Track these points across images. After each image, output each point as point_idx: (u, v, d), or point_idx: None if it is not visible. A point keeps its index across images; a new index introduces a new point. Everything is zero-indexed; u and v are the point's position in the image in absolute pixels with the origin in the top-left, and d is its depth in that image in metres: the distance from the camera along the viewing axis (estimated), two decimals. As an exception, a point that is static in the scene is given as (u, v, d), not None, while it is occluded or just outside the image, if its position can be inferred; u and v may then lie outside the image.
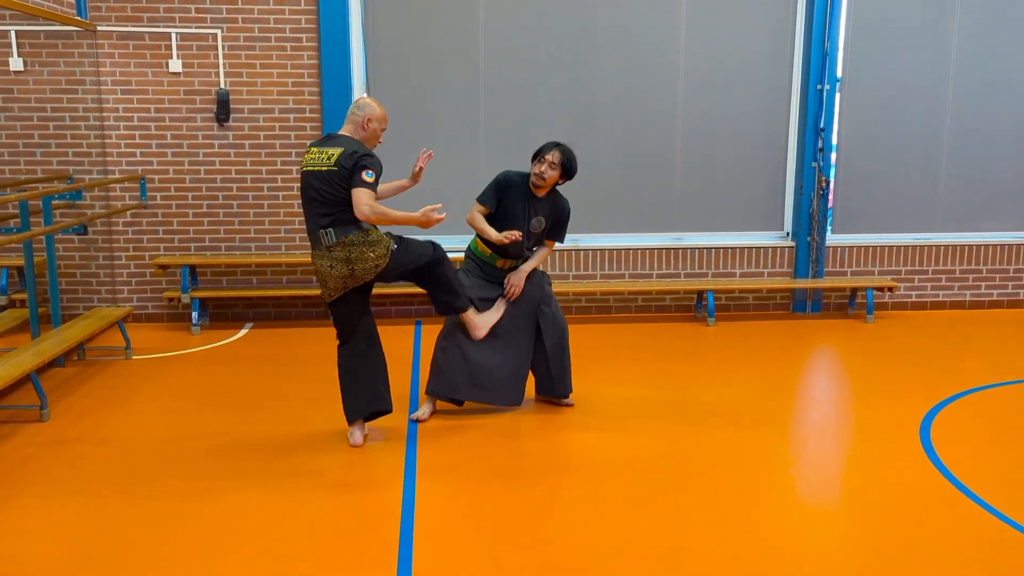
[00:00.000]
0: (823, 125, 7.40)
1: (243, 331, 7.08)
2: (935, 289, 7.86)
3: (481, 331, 4.72)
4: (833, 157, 7.58)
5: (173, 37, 6.90)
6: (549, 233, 4.96)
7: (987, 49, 7.55)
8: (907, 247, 7.77)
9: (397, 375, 5.30)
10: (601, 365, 6.01)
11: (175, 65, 6.94)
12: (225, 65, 6.98)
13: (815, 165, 7.47)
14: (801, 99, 7.47)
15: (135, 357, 6.24)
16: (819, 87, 7.36)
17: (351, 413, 4.48)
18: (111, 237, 7.19)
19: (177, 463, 4.30)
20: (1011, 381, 5.67)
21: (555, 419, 4.95)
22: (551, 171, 4.68)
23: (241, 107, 7.06)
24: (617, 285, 7.43)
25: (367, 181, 4.06)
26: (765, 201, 7.67)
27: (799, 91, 7.48)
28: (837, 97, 7.46)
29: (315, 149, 4.23)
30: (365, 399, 4.48)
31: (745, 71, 7.42)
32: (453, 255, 6.14)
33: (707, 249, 7.62)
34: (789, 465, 4.42)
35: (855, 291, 7.65)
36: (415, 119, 7.15)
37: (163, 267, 7.03)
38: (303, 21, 6.97)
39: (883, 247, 7.74)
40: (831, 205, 7.63)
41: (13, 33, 6.77)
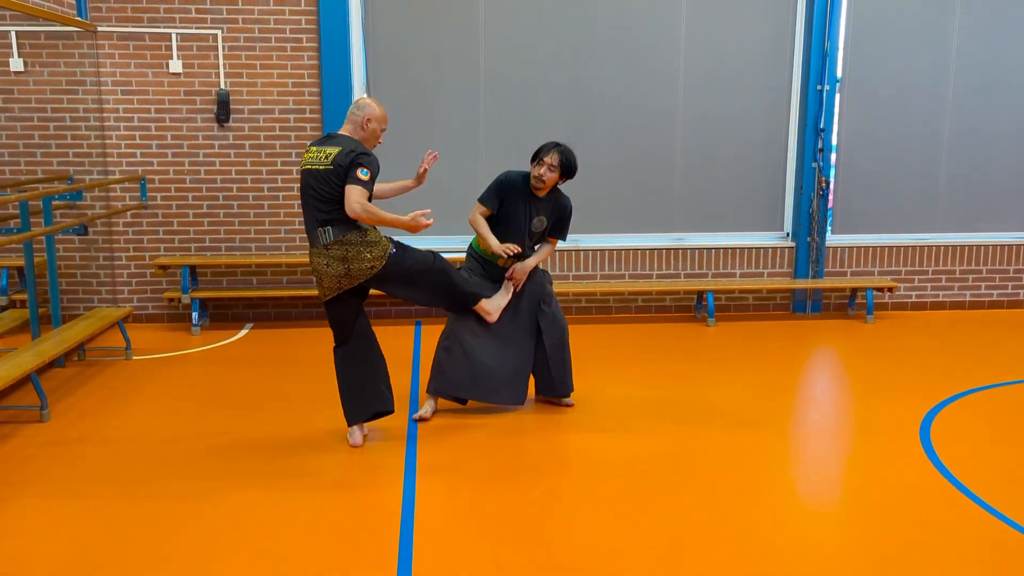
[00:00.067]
0: (823, 125, 7.40)
1: (243, 331, 7.08)
2: (935, 289, 7.86)
3: (494, 316, 4.78)
4: (833, 157, 7.58)
5: (173, 38, 6.91)
6: (551, 231, 4.97)
7: (987, 49, 7.55)
8: (907, 247, 7.77)
9: (397, 375, 5.30)
10: (601, 365, 6.01)
11: (175, 66, 6.94)
12: (225, 65, 6.98)
13: (815, 165, 7.47)
14: (801, 99, 7.47)
15: (135, 357, 6.24)
16: (819, 87, 7.36)
17: (351, 416, 4.48)
18: (111, 237, 7.20)
19: (177, 463, 4.30)
20: (1011, 381, 5.67)
21: (555, 419, 4.95)
22: (550, 173, 4.69)
23: (241, 107, 7.06)
24: (617, 285, 7.43)
25: (361, 179, 4.06)
26: (765, 201, 7.67)
27: (799, 91, 7.48)
28: (837, 97, 7.46)
29: (314, 148, 4.23)
30: (365, 401, 4.47)
31: (745, 71, 7.42)
32: (454, 255, 6.17)
33: (707, 249, 7.62)
34: (789, 465, 4.42)
35: (855, 291, 7.65)
36: (415, 119, 7.15)
37: (163, 267, 7.04)
38: (303, 21, 6.97)
39: (883, 247, 7.75)
40: (831, 205, 7.63)
41: (13, 34, 6.78)
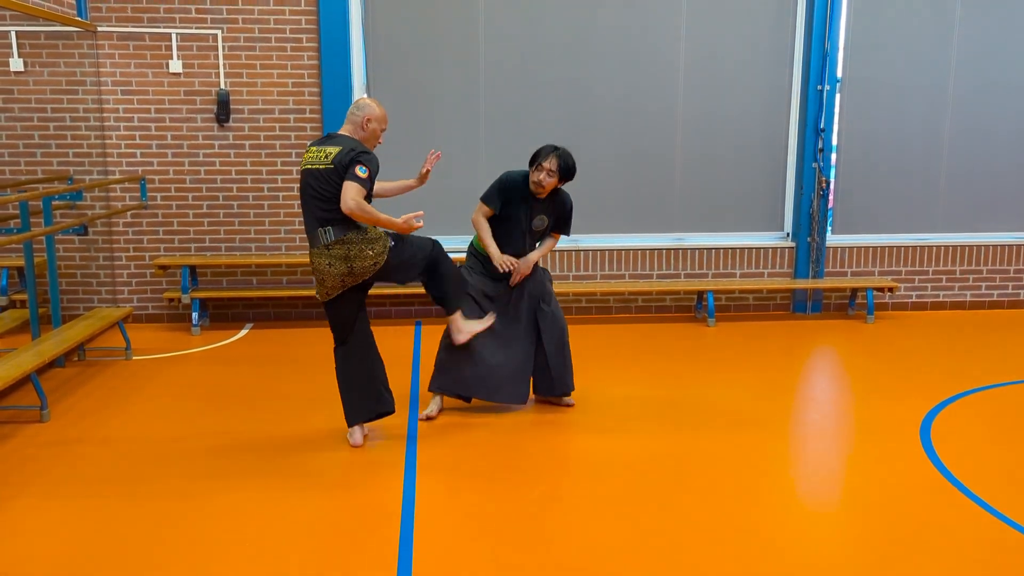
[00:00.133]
0: (823, 125, 7.40)
1: (243, 332, 7.08)
2: (935, 290, 7.86)
3: (462, 336, 4.60)
4: (833, 158, 7.58)
5: (173, 38, 6.91)
6: (554, 227, 4.99)
7: (987, 50, 7.55)
8: (907, 247, 7.77)
9: (397, 375, 5.30)
10: (601, 365, 6.01)
11: (175, 66, 6.94)
12: (225, 65, 6.98)
13: (815, 166, 7.46)
14: (801, 99, 7.47)
15: (135, 358, 6.24)
16: (819, 88, 7.36)
17: (352, 417, 4.48)
18: (111, 238, 7.20)
19: (177, 463, 4.30)
20: (1011, 381, 5.67)
21: (555, 419, 4.95)
22: (549, 178, 4.70)
23: (241, 107, 7.06)
24: (617, 285, 7.43)
25: (359, 176, 4.06)
26: (765, 201, 7.67)
27: (799, 91, 7.48)
28: (837, 98, 7.46)
29: (314, 148, 4.23)
30: (366, 402, 4.48)
31: (745, 71, 7.42)
32: (454, 255, 6.17)
33: (707, 249, 7.62)
34: (789, 465, 4.42)
35: (855, 291, 7.65)
36: (415, 119, 7.15)
37: (163, 267, 7.04)
38: (303, 22, 6.97)
39: (883, 247, 7.74)
40: (831, 205, 7.63)
41: (13, 34, 6.78)
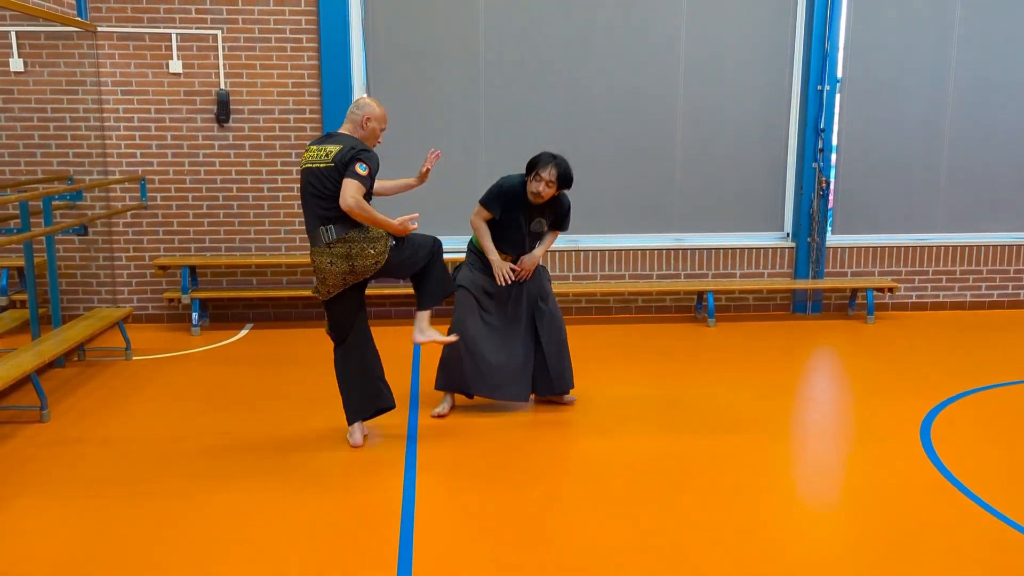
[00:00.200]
0: (823, 126, 7.40)
1: (243, 332, 7.08)
2: (935, 290, 7.86)
3: (421, 337, 4.49)
4: (833, 158, 7.58)
5: (173, 38, 6.90)
6: (553, 225, 4.99)
7: (987, 50, 7.55)
8: (907, 248, 7.77)
9: (397, 375, 5.31)
10: (601, 365, 6.01)
11: (175, 66, 6.94)
12: (225, 66, 6.98)
13: (815, 166, 7.46)
14: (801, 100, 7.47)
15: (135, 358, 6.24)
16: (819, 88, 7.35)
17: (352, 415, 4.48)
18: (111, 238, 7.20)
19: (177, 463, 4.30)
20: (1012, 382, 5.67)
21: (555, 419, 4.95)
22: (548, 189, 4.70)
23: (241, 108, 7.06)
24: (617, 286, 7.43)
25: (359, 174, 4.06)
26: (765, 202, 7.67)
27: (799, 92, 7.48)
28: (837, 98, 7.45)
29: (314, 147, 4.24)
30: (366, 400, 4.48)
31: (745, 71, 7.42)
32: (454, 255, 6.17)
33: (707, 250, 7.61)
34: (789, 466, 4.42)
35: (855, 292, 7.65)
36: (415, 119, 7.14)
37: (163, 268, 7.04)
38: (303, 22, 6.97)
39: (883, 248, 7.74)
40: (831, 206, 7.63)
41: (13, 34, 6.78)
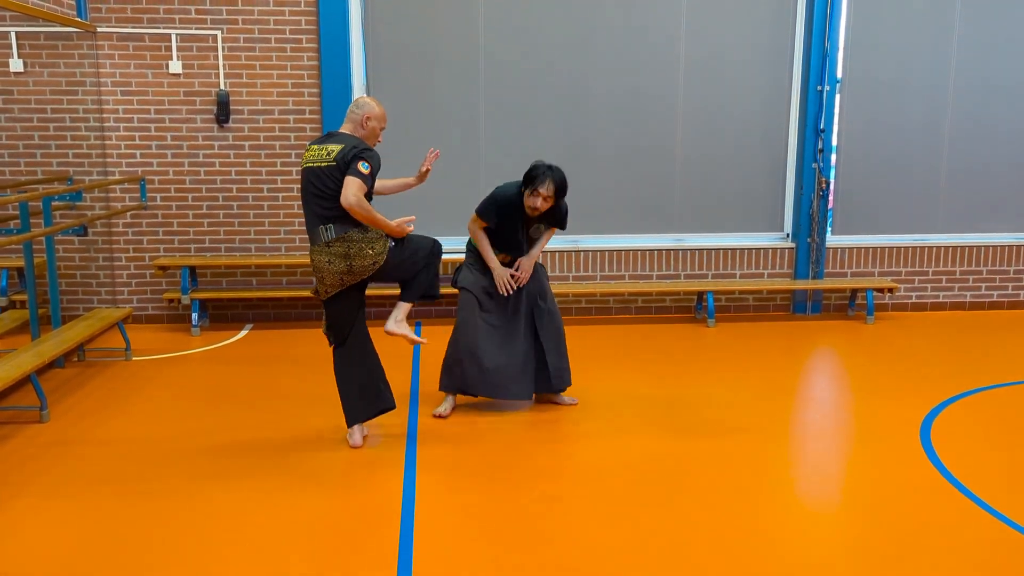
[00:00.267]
0: (823, 126, 7.40)
1: (243, 332, 7.08)
2: (935, 290, 7.86)
3: (392, 325, 4.41)
4: (833, 158, 7.58)
5: (173, 38, 6.90)
6: (551, 224, 4.99)
7: (987, 50, 7.55)
8: (907, 248, 7.76)
9: (397, 375, 5.31)
10: (601, 366, 6.01)
11: (175, 66, 6.94)
12: (225, 66, 6.98)
13: (815, 166, 7.46)
14: (801, 100, 7.47)
15: (135, 358, 6.24)
16: (819, 88, 7.35)
17: (352, 417, 4.48)
18: (111, 238, 7.19)
19: (177, 463, 4.30)
20: (1012, 382, 5.66)
21: (555, 419, 4.95)
22: (545, 203, 4.71)
23: (241, 108, 7.06)
24: (617, 286, 7.43)
25: (361, 172, 4.07)
26: (765, 202, 7.67)
27: (799, 92, 7.48)
28: (837, 98, 7.45)
29: (315, 147, 4.24)
30: (366, 401, 4.49)
31: (745, 72, 7.42)
32: (453, 256, 6.16)
33: (707, 250, 7.61)
34: (789, 466, 4.42)
35: (855, 292, 7.65)
36: (415, 119, 7.14)
37: (163, 268, 7.04)
38: (303, 22, 6.97)
39: (883, 248, 7.74)
40: (831, 206, 7.63)
41: (13, 34, 6.78)
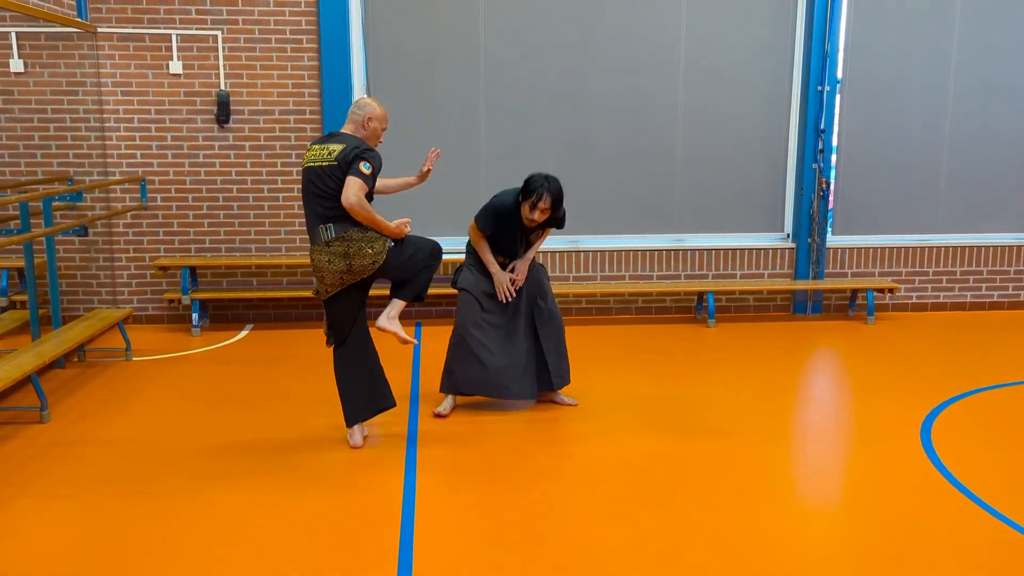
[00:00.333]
0: (823, 126, 7.39)
1: (243, 332, 7.08)
2: (936, 290, 7.86)
3: (383, 322, 4.42)
4: (833, 158, 7.58)
5: (173, 39, 6.91)
6: (549, 225, 4.99)
7: (987, 50, 7.55)
8: (908, 248, 7.76)
9: (397, 375, 5.31)
10: (602, 366, 6.01)
11: (175, 67, 6.94)
12: (225, 67, 6.98)
13: (815, 166, 7.46)
14: (801, 100, 7.47)
15: (135, 358, 6.24)
16: (819, 88, 7.35)
17: (352, 417, 4.48)
18: (111, 239, 7.20)
19: (177, 464, 4.30)
20: (1012, 383, 5.66)
21: (556, 420, 4.95)
22: (543, 215, 4.73)
23: (241, 108, 7.06)
24: (617, 286, 7.42)
25: (363, 172, 4.07)
26: (765, 202, 7.67)
27: (799, 92, 7.48)
28: (837, 98, 7.45)
29: (316, 147, 4.24)
30: (366, 401, 4.49)
31: (745, 72, 7.42)
32: (453, 256, 6.17)
33: (707, 250, 7.61)
34: (789, 466, 4.42)
35: (855, 292, 7.65)
36: (415, 119, 7.14)
37: (163, 268, 7.04)
38: (303, 23, 6.97)
39: (884, 248, 7.74)
40: (831, 206, 7.62)
41: (14, 35, 6.78)
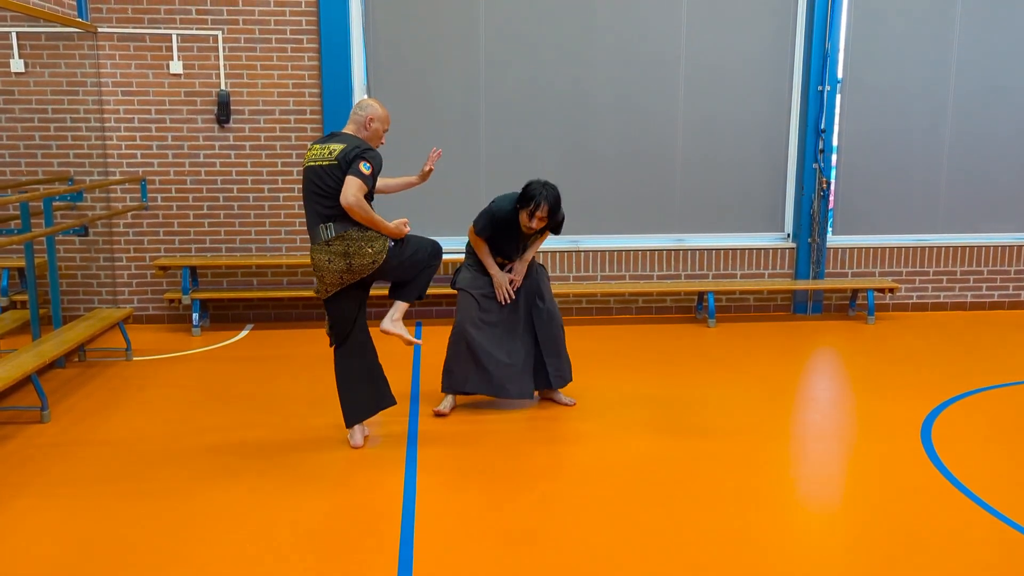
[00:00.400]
0: (824, 126, 7.39)
1: (243, 332, 7.08)
2: (936, 290, 7.86)
3: (388, 326, 4.44)
4: (834, 158, 7.58)
5: (174, 39, 6.91)
6: (547, 229, 5.00)
7: (988, 50, 7.54)
8: (908, 248, 7.76)
9: (397, 375, 5.31)
10: (602, 366, 6.01)
11: (176, 67, 6.94)
12: (226, 66, 6.98)
13: (816, 166, 7.46)
14: (802, 100, 7.47)
15: (136, 358, 6.24)
16: (820, 88, 7.35)
17: (352, 417, 4.49)
18: (112, 238, 7.20)
19: (177, 464, 4.30)
20: (1012, 382, 5.66)
21: (556, 420, 4.95)
22: (540, 223, 4.77)
23: (242, 108, 7.06)
24: (618, 286, 7.42)
25: (362, 172, 4.08)
26: (766, 202, 7.67)
27: (800, 92, 7.48)
28: (838, 98, 7.45)
29: (318, 146, 4.25)
30: (366, 401, 4.50)
31: (746, 72, 7.42)
32: (453, 256, 6.17)
33: (708, 250, 7.61)
34: (790, 466, 4.42)
35: (856, 292, 7.64)
36: (416, 119, 7.14)
37: (164, 268, 7.04)
38: (304, 23, 6.97)
39: (884, 248, 7.74)
40: (832, 206, 7.62)
41: (14, 35, 6.78)
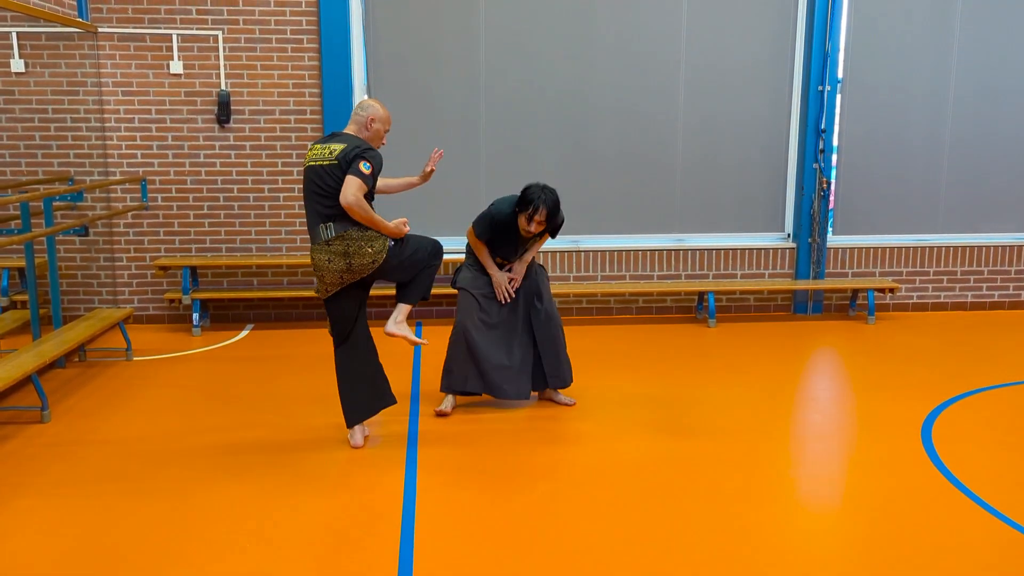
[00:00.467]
0: (824, 126, 7.39)
1: (244, 332, 7.08)
2: (936, 290, 7.85)
3: (392, 327, 4.44)
4: (834, 158, 7.58)
5: (174, 39, 6.91)
6: (546, 232, 5.01)
7: (988, 51, 7.54)
8: (908, 248, 7.76)
9: (397, 375, 5.31)
10: (602, 366, 6.01)
11: (176, 67, 6.94)
12: (226, 66, 6.98)
13: (816, 166, 7.46)
14: (802, 100, 7.47)
15: (136, 358, 6.24)
16: (820, 88, 7.35)
17: (352, 417, 4.49)
18: (112, 238, 7.20)
19: (177, 464, 4.30)
20: (1013, 382, 5.66)
21: (555, 419, 4.95)
22: (539, 227, 4.78)
23: (242, 108, 7.06)
24: (618, 286, 7.42)
25: (362, 172, 4.08)
26: (766, 202, 7.67)
27: (800, 92, 7.47)
28: (838, 98, 7.45)
29: (318, 146, 4.25)
30: (366, 401, 4.50)
31: (746, 72, 7.42)
32: (453, 256, 6.17)
33: (708, 250, 7.61)
34: (790, 466, 4.42)
35: (856, 292, 7.64)
36: (416, 120, 7.13)
37: (164, 268, 7.04)
38: (304, 23, 6.97)
39: (884, 248, 7.74)
40: (832, 206, 7.62)
41: (14, 35, 6.78)
